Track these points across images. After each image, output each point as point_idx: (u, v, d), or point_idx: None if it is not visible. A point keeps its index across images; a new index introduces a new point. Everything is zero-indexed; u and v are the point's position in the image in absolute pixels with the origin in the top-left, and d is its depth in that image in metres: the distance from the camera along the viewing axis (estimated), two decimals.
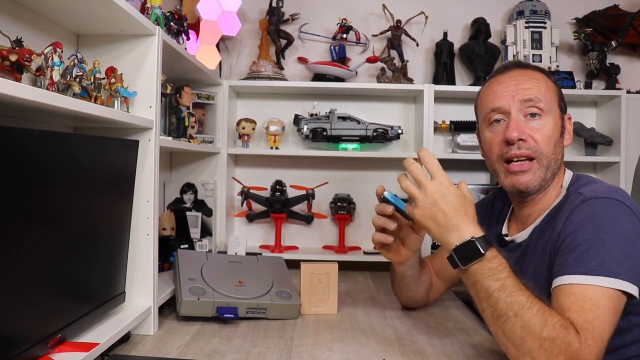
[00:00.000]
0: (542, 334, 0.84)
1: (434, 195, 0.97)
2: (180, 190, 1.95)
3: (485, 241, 0.94)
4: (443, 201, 0.97)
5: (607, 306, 0.87)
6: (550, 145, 1.07)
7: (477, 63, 2.16)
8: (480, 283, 0.92)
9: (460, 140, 2.09)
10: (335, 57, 2.16)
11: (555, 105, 1.11)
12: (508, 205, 1.25)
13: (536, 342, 0.85)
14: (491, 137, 1.12)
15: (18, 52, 0.81)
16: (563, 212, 1.01)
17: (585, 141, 2.16)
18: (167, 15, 1.37)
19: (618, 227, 0.93)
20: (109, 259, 1.13)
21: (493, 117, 1.12)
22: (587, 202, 0.98)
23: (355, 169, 2.21)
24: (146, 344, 1.16)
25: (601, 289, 0.88)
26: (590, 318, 0.86)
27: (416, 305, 1.45)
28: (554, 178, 1.11)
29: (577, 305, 0.87)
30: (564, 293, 0.90)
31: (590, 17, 2.22)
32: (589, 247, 0.92)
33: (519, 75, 1.12)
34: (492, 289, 0.90)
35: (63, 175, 0.92)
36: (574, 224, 0.97)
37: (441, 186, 0.98)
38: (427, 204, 0.98)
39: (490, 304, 0.91)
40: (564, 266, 0.93)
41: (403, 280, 1.34)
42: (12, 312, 0.80)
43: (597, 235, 0.92)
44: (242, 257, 1.58)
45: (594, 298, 0.87)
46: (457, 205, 0.97)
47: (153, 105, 1.24)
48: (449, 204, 0.97)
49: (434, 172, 1.00)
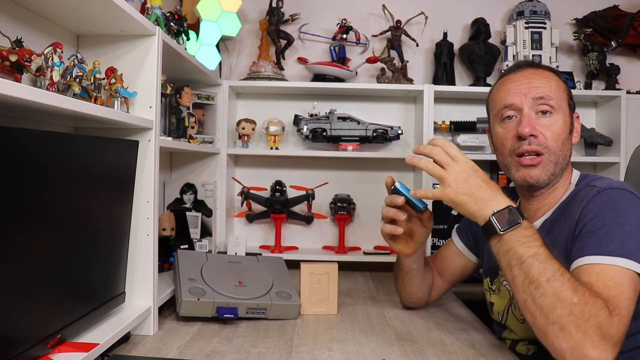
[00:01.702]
0: (573, 300, 0.86)
1: (464, 172, 1.03)
2: (180, 191, 1.95)
3: (519, 211, 0.98)
4: (475, 176, 1.02)
5: (628, 285, 0.89)
6: (559, 142, 1.11)
7: (477, 63, 2.16)
8: (514, 250, 0.95)
9: (460, 141, 2.09)
10: (335, 58, 2.16)
11: (565, 104, 1.14)
12: (515, 201, 1.26)
13: (566, 309, 0.86)
14: (503, 132, 1.16)
15: (18, 52, 0.81)
16: (577, 204, 1.05)
17: (585, 141, 2.16)
18: (167, 16, 1.37)
19: (636, 214, 0.97)
20: (109, 259, 1.13)
21: (506, 113, 1.15)
22: (604, 192, 1.02)
23: (355, 169, 2.21)
24: (146, 344, 1.16)
25: (622, 269, 0.90)
26: (615, 293, 0.88)
27: (417, 304, 1.45)
28: (562, 174, 1.14)
29: (600, 283, 0.89)
30: (585, 272, 0.92)
31: (590, 18, 2.22)
32: (608, 231, 0.95)
33: (531, 74, 1.15)
34: (526, 256, 0.93)
35: (63, 175, 0.92)
36: (593, 210, 1.00)
37: (468, 164, 1.04)
38: (459, 180, 1.02)
39: (523, 270, 0.93)
40: (584, 249, 0.96)
41: (409, 274, 1.34)
42: (12, 312, 0.80)
43: (616, 220, 0.96)
44: (242, 258, 1.58)
45: (616, 276, 0.90)
46: (487, 180, 1.03)
47: (153, 106, 1.24)
48: (480, 178, 1.03)
49: (456, 154, 1.05)
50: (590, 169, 2.22)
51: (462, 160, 1.04)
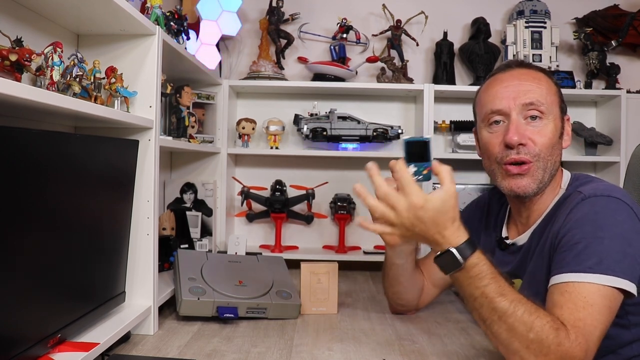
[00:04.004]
0: (529, 337, 0.86)
1: (409, 218, 0.92)
2: (180, 190, 1.95)
3: (467, 247, 0.92)
4: (420, 222, 0.92)
5: (600, 304, 0.88)
6: (549, 148, 1.06)
7: (477, 63, 2.16)
8: (464, 289, 0.94)
9: (460, 140, 2.09)
10: (335, 57, 2.16)
11: (556, 107, 1.09)
12: (505, 207, 1.24)
13: (523, 344, 0.86)
14: (489, 137, 1.10)
15: (18, 52, 0.81)
16: (563, 210, 1.01)
17: (585, 141, 2.16)
18: (167, 15, 1.37)
19: (617, 225, 0.94)
20: (109, 258, 1.13)
21: (493, 118, 1.09)
22: (587, 200, 0.98)
23: (355, 169, 2.21)
24: (146, 344, 1.16)
25: (597, 286, 0.88)
26: (582, 316, 0.86)
27: (405, 308, 1.39)
28: (552, 180, 1.09)
29: (570, 303, 0.88)
30: (559, 291, 0.91)
31: (590, 17, 2.22)
32: (587, 245, 0.92)
33: (520, 74, 1.09)
34: (475, 295, 0.92)
35: (63, 175, 0.92)
36: (573, 221, 0.97)
37: (414, 206, 0.91)
38: (405, 226, 0.94)
39: (475, 308, 0.93)
40: (562, 264, 0.93)
41: (392, 269, 1.28)
42: (12, 312, 0.80)
43: (595, 234, 0.93)
44: (242, 257, 1.59)
45: (588, 296, 0.88)
46: (435, 220, 0.92)
47: (153, 105, 1.24)
48: (427, 222, 0.92)
49: (405, 188, 0.92)
50: (590, 169, 2.22)
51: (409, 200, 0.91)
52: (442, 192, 0.92)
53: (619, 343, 0.99)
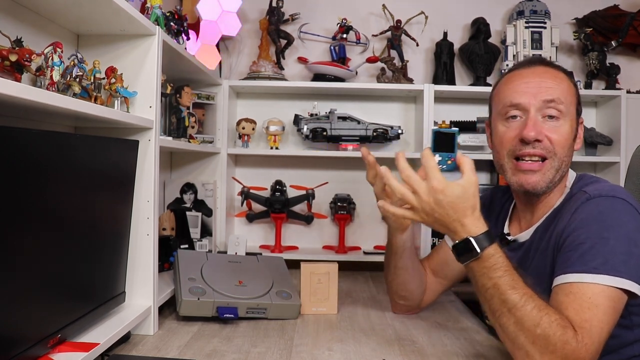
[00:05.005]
0: (536, 332, 0.86)
1: (429, 203, 0.93)
2: (180, 190, 1.95)
3: (486, 238, 0.93)
4: (439, 207, 0.93)
5: (606, 305, 0.88)
6: (565, 148, 1.06)
7: (477, 63, 2.16)
8: (476, 279, 0.95)
9: (460, 140, 2.09)
10: (335, 57, 2.16)
11: (573, 109, 1.08)
12: (508, 203, 1.25)
13: (529, 339, 0.87)
14: (505, 131, 1.09)
15: (18, 52, 0.81)
16: (567, 210, 1.02)
17: (585, 141, 2.15)
18: (167, 15, 1.37)
19: (622, 225, 0.94)
20: (109, 258, 1.13)
21: (510, 112, 1.08)
22: (592, 200, 0.98)
23: (355, 169, 2.21)
24: (146, 344, 1.16)
25: (601, 287, 0.89)
26: (588, 317, 0.86)
27: (409, 302, 1.38)
28: (561, 180, 1.09)
29: (575, 304, 0.88)
30: (564, 292, 0.91)
31: (590, 17, 2.22)
32: (592, 246, 0.92)
33: (543, 72, 1.09)
34: (487, 287, 0.92)
35: (63, 175, 0.92)
36: (578, 221, 0.97)
37: (435, 190, 0.92)
38: (426, 210, 0.95)
39: (486, 299, 0.93)
40: (567, 265, 0.93)
41: (403, 257, 1.29)
42: (12, 312, 0.80)
43: (600, 234, 0.93)
44: (242, 257, 1.59)
45: (593, 297, 0.88)
46: (454, 206, 0.93)
47: (153, 105, 1.24)
48: (446, 208, 0.93)
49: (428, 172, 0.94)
50: (590, 169, 2.22)
51: (430, 185, 0.93)
52: (462, 180, 0.94)
53: (621, 343, 0.99)
